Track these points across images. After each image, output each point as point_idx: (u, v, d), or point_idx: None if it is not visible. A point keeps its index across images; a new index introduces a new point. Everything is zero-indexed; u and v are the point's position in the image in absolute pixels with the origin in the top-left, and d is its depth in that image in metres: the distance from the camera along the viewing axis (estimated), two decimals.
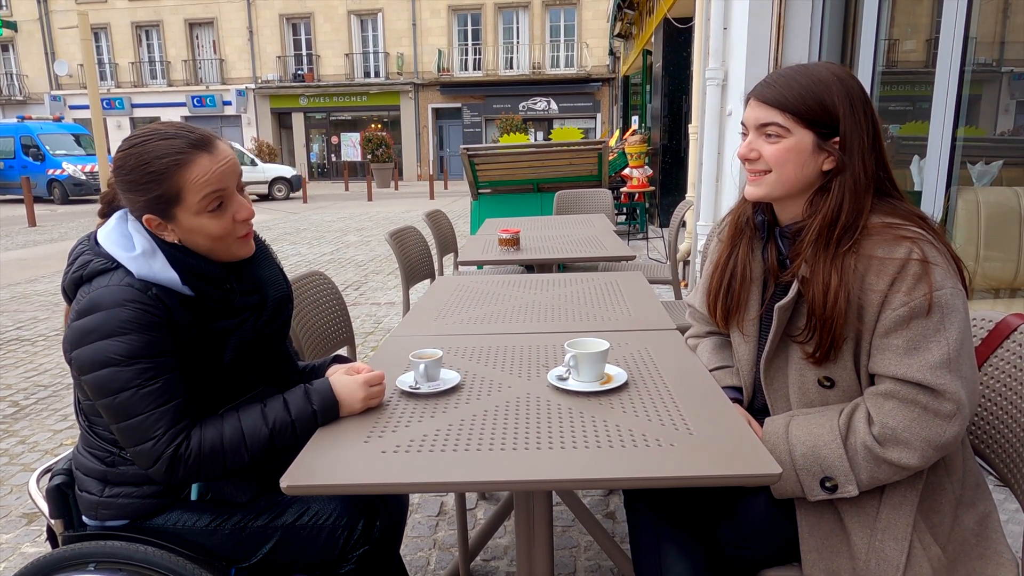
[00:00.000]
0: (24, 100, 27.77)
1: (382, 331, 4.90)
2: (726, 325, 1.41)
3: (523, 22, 25.92)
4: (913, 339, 1.11)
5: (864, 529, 1.15)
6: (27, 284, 7.06)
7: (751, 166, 1.26)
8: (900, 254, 1.12)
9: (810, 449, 1.16)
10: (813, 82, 1.18)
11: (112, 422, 1.16)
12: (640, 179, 8.59)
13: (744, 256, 1.35)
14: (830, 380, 1.22)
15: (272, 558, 1.30)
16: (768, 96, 1.21)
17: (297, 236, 10.50)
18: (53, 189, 18.49)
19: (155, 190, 1.18)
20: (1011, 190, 3.01)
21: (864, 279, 1.15)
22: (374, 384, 1.26)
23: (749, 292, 1.35)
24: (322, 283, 2.08)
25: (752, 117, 1.24)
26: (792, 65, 1.26)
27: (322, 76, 26.76)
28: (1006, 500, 2.12)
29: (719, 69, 4.64)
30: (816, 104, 1.18)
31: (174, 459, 1.14)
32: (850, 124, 1.18)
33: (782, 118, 1.20)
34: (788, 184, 1.23)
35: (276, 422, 1.20)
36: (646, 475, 1.01)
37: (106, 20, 26.81)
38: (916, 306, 1.10)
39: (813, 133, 1.19)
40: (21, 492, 2.69)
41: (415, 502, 2.50)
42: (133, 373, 1.13)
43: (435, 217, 3.95)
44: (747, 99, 1.27)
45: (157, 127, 1.23)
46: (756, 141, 1.24)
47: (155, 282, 1.18)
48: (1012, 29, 3.33)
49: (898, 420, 1.11)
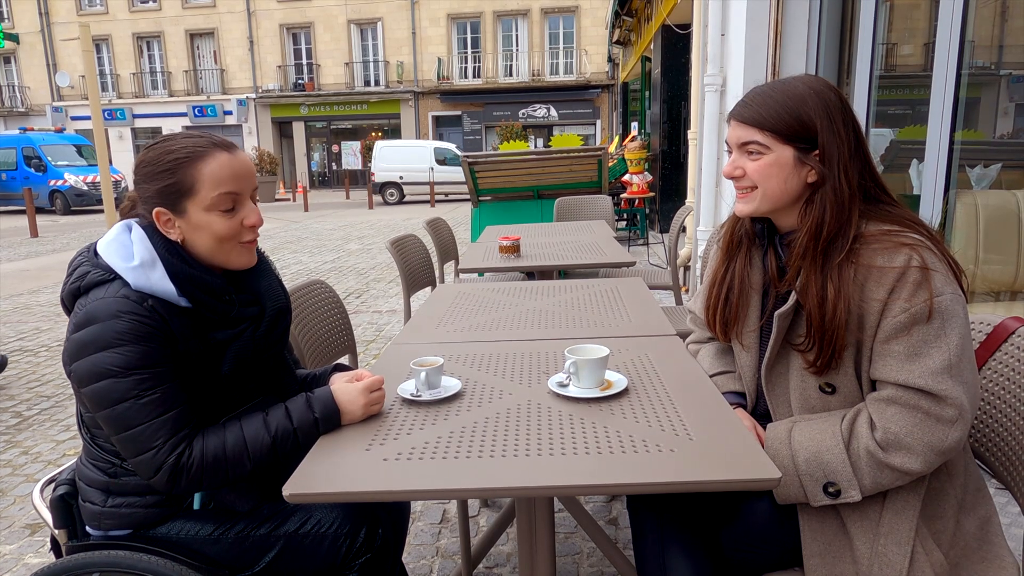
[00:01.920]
0: (26, 112, 27.90)
1: (383, 339, 4.90)
2: (726, 337, 1.41)
3: (522, 30, 26.04)
4: (914, 345, 1.11)
5: (867, 534, 1.15)
6: (29, 295, 7.08)
7: (738, 183, 1.28)
8: (899, 262, 1.12)
9: (813, 454, 1.17)
10: (789, 98, 1.20)
11: (112, 433, 1.16)
12: (640, 185, 8.61)
13: (742, 268, 1.36)
14: (831, 386, 1.22)
15: (275, 566, 1.30)
16: (746, 116, 1.24)
17: (299, 244, 10.52)
18: (55, 200, 18.58)
19: (170, 178, 1.20)
20: (1010, 193, 3.02)
21: (864, 288, 1.15)
22: (374, 390, 1.26)
23: (748, 303, 1.35)
24: (323, 292, 2.09)
25: (733, 137, 1.27)
26: (769, 82, 1.29)
27: (322, 85, 26.86)
28: (1008, 504, 2.12)
29: (717, 75, 4.66)
30: (793, 120, 1.19)
31: (176, 468, 1.14)
32: (828, 136, 1.19)
33: (761, 136, 1.22)
34: (775, 198, 1.25)
35: (279, 430, 1.21)
36: (647, 480, 1.02)
37: (107, 31, 26.96)
38: (917, 312, 1.10)
39: (792, 148, 1.21)
40: (24, 503, 2.69)
41: (417, 509, 2.49)
42: (131, 384, 1.13)
43: (436, 225, 3.96)
44: (728, 120, 1.29)
45: (182, 132, 1.28)
46: (739, 159, 1.27)
47: (152, 293, 1.18)
48: (1009, 32, 3.34)
49: (900, 425, 1.12)
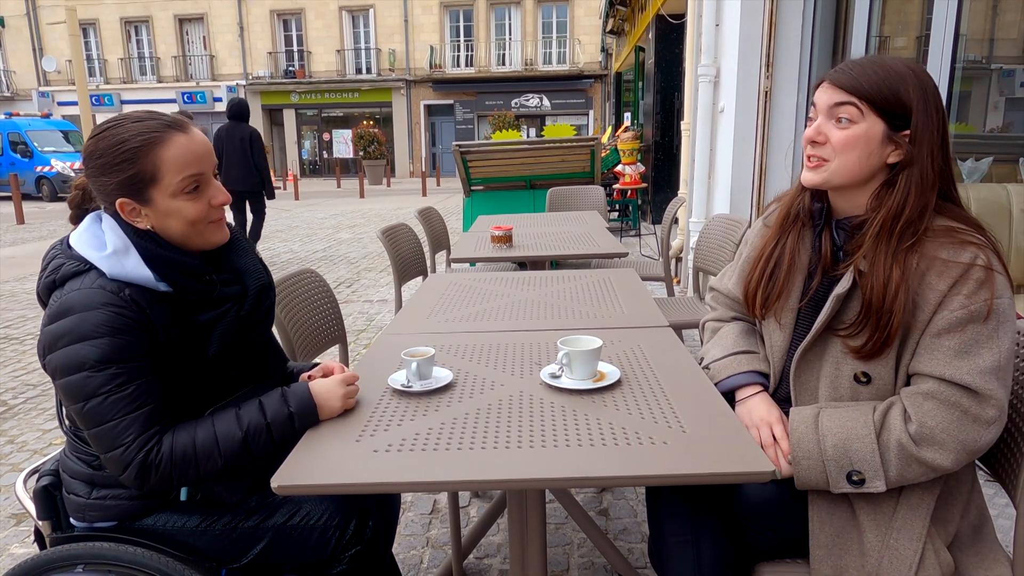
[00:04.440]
0: (12, 96, 27.49)
1: (374, 329, 4.88)
2: (763, 312, 1.38)
3: (515, 18, 25.88)
4: (966, 342, 1.11)
5: (879, 527, 1.15)
6: (15, 282, 7.00)
7: (814, 150, 1.24)
8: (965, 258, 1.11)
9: (841, 441, 1.15)
10: (889, 73, 1.17)
11: (84, 428, 1.14)
12: (633, 176, 8.60)
13: (793, 245, 1.33)
14: (867, 376, 1.20)
15: (263, 559, 1.29)
16: (843, 81, 1.20)
17: (289, 233, 10.46)
18: (42, 186, 18.35)
19: (130, 169, 1.16)
20: (1001, 186, 3.03)
21: (924, 279, 1.14)
22: (350, 383, 1.25)
23: (793, 281, 1.33)
24: (313, 281, 2.07)
25: (824, 99, 1.22)
26: (869, 55, 1.25)
27: (313, 72, 26.63)
28: (995, 495, 2.13)
29: (711, 66, 4.64)
30: (891, 93, 1.17)
31: (144, 466, 1.12)
32: (922, 118, 1.16)
33: (857, 102, 1.18)
34: (849, 173, 1.21)
35: (250, 426, 1.19)
36: (639, 473, 1.01)
37: (95, 15, 26.57)
38: (975, 310, 1.10)
39: (884, 122, 1.18)
40: (9, 493, 2.66)
41: (408, 500, 2.49)
42: (104, 379, 1.11)
43: (427, 214, 3.94)
44: (818, 84, 1.25)
45: (127, 114, 1.21)
46: (825, 125, 1.22)
47: (128, 281, 1.16)
48: (1001, 26, 3.34)
49: (937, 421, 1.11)
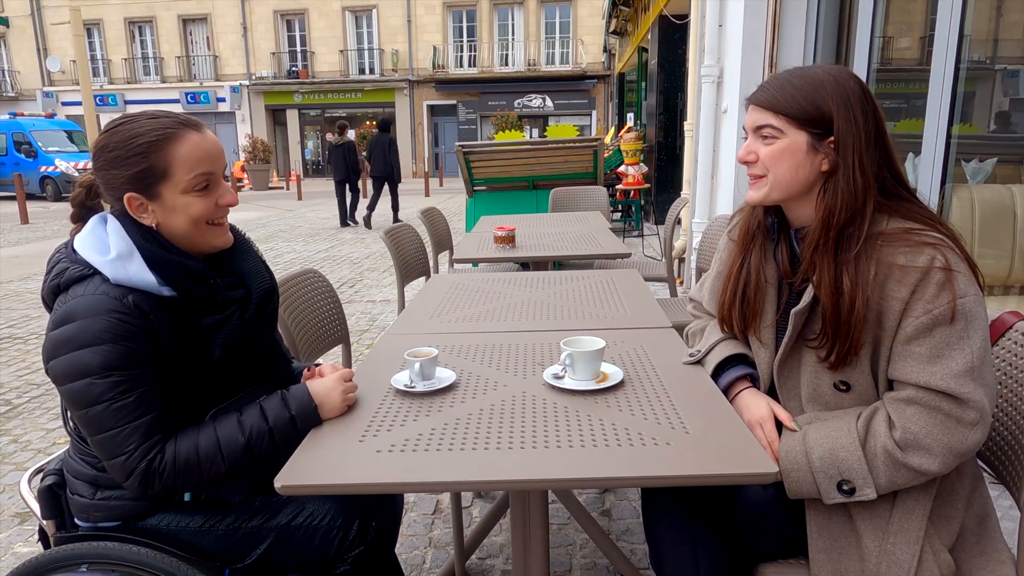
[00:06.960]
0: (16, 96, 27.58)
1: (377, 329, 4.88)
2: (743, 334, 1.38)
3: (518, 19, 25.87)
4: (936, 347, 1.10)
5: (876, 532, 1.15)
6: (19, 282, 7.02)
7: (750, 169, 1.27)
8: (922, 262, 1.10)
9: (828, 452, 1.15)
10: (807, 83, 1.20)
11: (87, 434, 1.15)
12: (635, 176, 8.60)
13: (757, 262, 1.34)
14: (846, 384, 1.21)
15: (266, 559, 1.29)
16: (762, 99, 1.24)
17: (292, 233, 10.47)
18: (46, 186, 18.41)
19: (142, 163, 1.16)
20: (1005, 187, 3.02)
21: (884, 287, 1.14)
22: (348, 380, 1.26)
23: (765, 298, 1.33)
24: (316, 281, 2.07)
25: (749, 120, 1.27)
26: (791, 68, 1.28)
27: (317, 73, 26.66)
28: (999, 497, 2.13)
29: (715, 66, 4.64)
30: (809, 105, 1.18)
31: (147, 474, 1.13)
32: (844, 124, 1.17)
33: (775, 120, 1.21)
34: (785, 186, 1.23)
35: (253, 430, 1.19)
36: (642, 474, 1.01)
37: (99, 16, 26.64)
38: (939, 314, 1.09)
39: (807, 133, 1.20)
40: (14, 492, 2.67)
41: (410, 500, 2.49)
42: (107, 386, 1.11)
43: (430, 215, 3.94)
44: (746, 104, 1.29)
45: (140, 112, 1.22)
46: (754, 144, 1.26)
47: (132, 286, 1.16)
48: (1006, 27, 3.33)
49: (920, 426, 1.10)
